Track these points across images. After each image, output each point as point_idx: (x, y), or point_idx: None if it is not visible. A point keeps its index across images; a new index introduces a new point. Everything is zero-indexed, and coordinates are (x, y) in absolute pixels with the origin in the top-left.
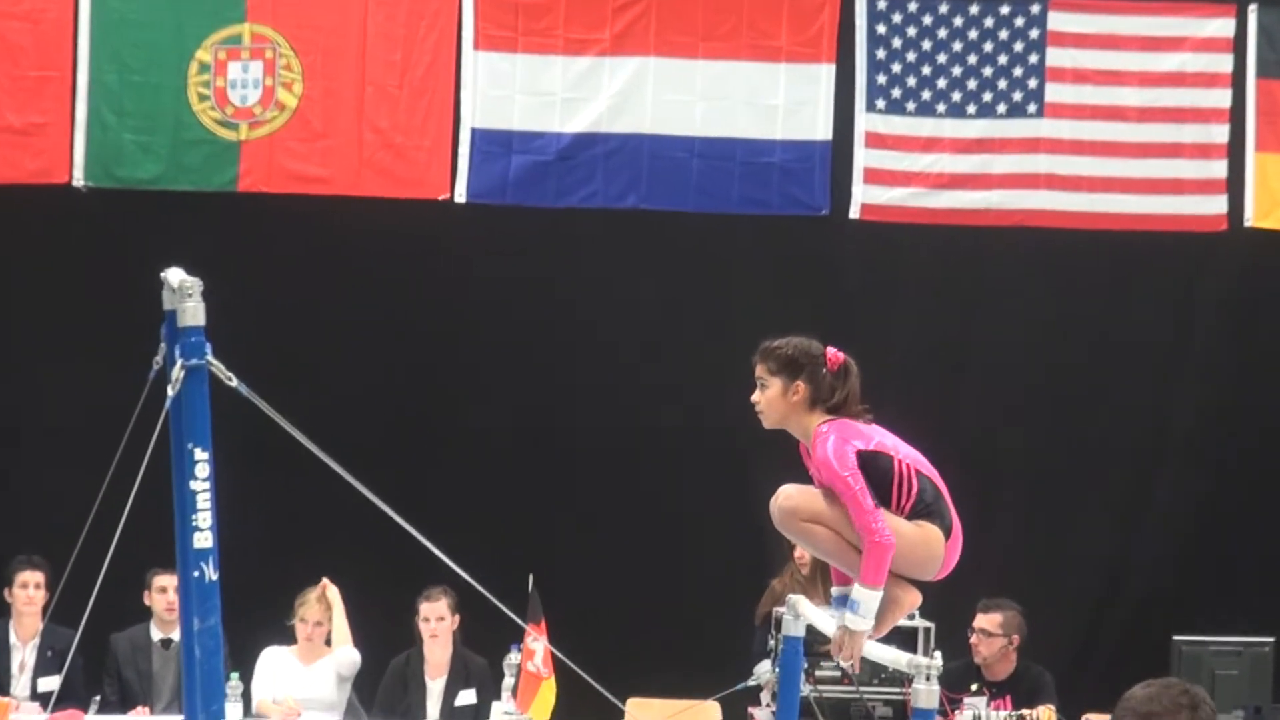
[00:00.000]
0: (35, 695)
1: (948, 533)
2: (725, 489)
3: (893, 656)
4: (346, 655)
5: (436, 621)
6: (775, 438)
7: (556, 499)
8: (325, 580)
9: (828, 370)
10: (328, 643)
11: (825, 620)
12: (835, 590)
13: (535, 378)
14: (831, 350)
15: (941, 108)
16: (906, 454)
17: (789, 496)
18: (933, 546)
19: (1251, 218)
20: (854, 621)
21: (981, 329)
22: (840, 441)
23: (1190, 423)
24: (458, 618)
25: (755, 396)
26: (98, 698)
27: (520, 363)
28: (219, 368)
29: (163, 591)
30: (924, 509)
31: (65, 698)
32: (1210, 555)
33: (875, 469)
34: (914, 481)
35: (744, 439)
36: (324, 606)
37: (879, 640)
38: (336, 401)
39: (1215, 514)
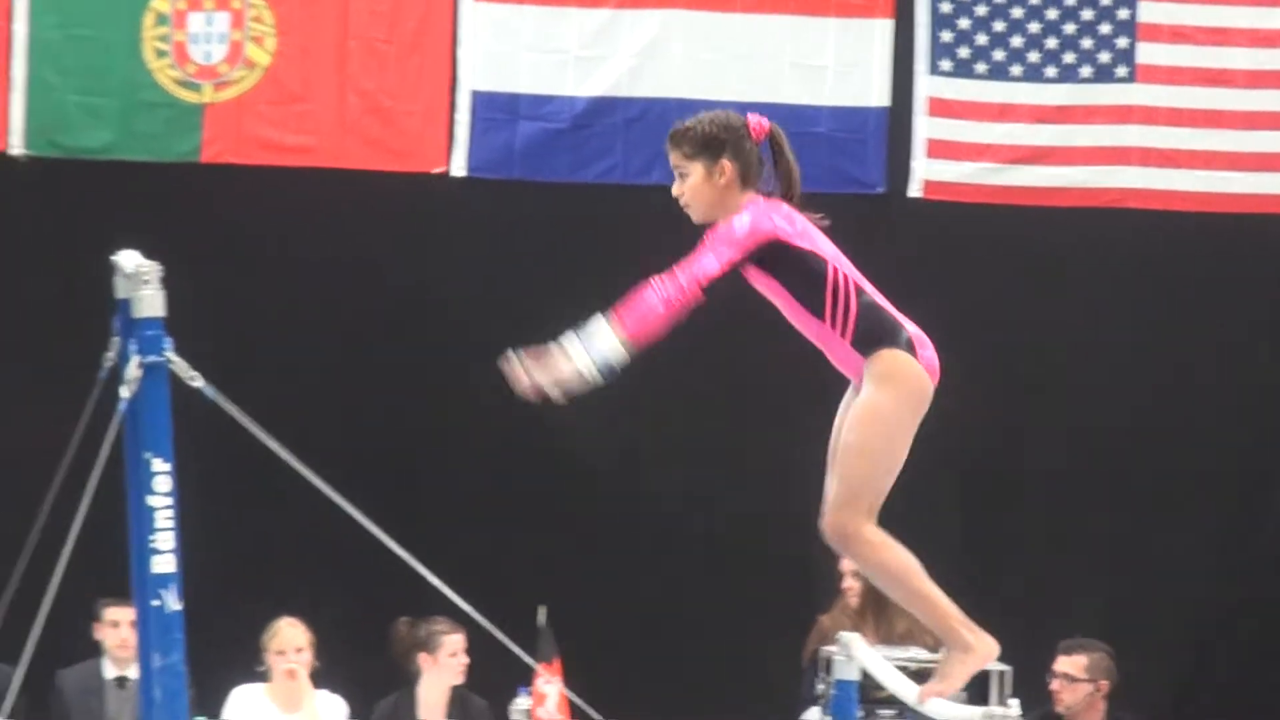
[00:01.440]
0: None
1: (909, 346)
2: (767, 510)
3: (965, 714)
4: (332, 703)
5: (463, 655)
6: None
7: (573, 521)
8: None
9: (753, 142)
10: (311, 680)
11: (882, 665)
12: None
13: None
14: (754, 118)
15: (1017, 70)
16: (848, 269)
17: (829, 509)
18: (908, 375)
19: None
20: (571, 344)
21: (1061, 327)
22: (761, 215)
23: None
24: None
25: (676, 189)
26: None
27: None
28: (181, 366)
29: (115, 626)
30: (870, 335)
31: None
32: None
33: (801, 269)
34: (853, 299)
35: (791, 451)
36: (302, 631)
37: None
38: (316, 405)
39: None
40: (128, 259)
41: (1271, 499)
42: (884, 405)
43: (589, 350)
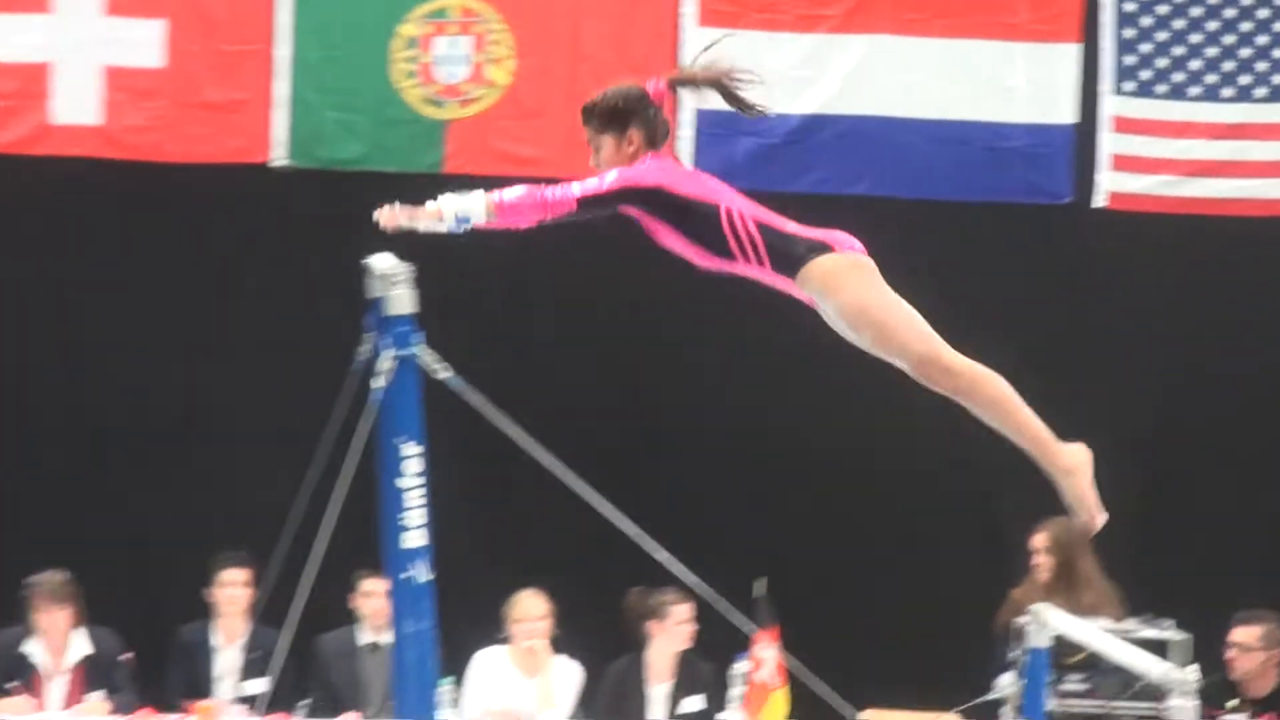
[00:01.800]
0: (240, 699)
1: (825, 249)
2: (966, 492)
3: (1144, 664)
4: (569, 668)
5: (690, 623)
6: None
7: (791, 500)
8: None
9: (656, 106)
10: (551, 646)
11: (1080, 627)
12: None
13: (768, 373)
14: (653, 84)
15: (1195, 91)
16: (742, 204)
17: (914, 373)
18: (843, 270)
19: None
20: (446, 196)
21: (1232, 323)
22: (649, 169)
23: None
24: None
25: (592, 161)
26: (306, 702)
27: (751, 357)
28: (430, 358)
29: (369, 596)
30: (787, 256)
31: (272, 702)
32: None
33: (695, 215)
34: (753, 229)
35: (986, 443)
36: (542, 601)
37: (1122, 639)
38: (554, 394)
39: None
40: (381, 261)
41: None
42: (853, 301)
43: (457, 202)
